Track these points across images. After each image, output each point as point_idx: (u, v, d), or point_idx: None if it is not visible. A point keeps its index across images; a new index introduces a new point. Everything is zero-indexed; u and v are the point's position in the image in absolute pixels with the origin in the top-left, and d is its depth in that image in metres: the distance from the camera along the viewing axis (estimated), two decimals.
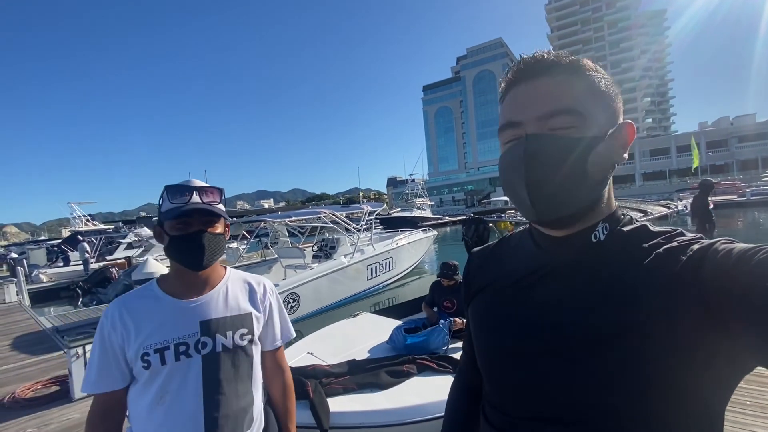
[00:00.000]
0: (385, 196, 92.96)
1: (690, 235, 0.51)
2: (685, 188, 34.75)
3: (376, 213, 10.52)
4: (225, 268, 1.16)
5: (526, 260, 0.62)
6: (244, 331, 1.06)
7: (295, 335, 1.25)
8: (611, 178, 0.56)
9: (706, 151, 49.83)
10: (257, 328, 1.10)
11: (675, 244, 0.50)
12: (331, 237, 10.50)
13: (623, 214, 0.58)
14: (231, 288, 1.10)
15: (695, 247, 0.48)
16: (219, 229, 1.04)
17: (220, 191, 1.06)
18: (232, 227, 1.16)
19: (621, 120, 0.56)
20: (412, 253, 11.49)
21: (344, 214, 9.55)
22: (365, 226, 9.81)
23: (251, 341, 1.07)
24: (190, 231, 0.98)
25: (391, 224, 19.53)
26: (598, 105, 0.53)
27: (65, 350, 3.89)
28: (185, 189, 1.00)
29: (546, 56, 0.55)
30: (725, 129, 53.27)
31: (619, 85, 0.57)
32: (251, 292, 1.13)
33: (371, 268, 9.57)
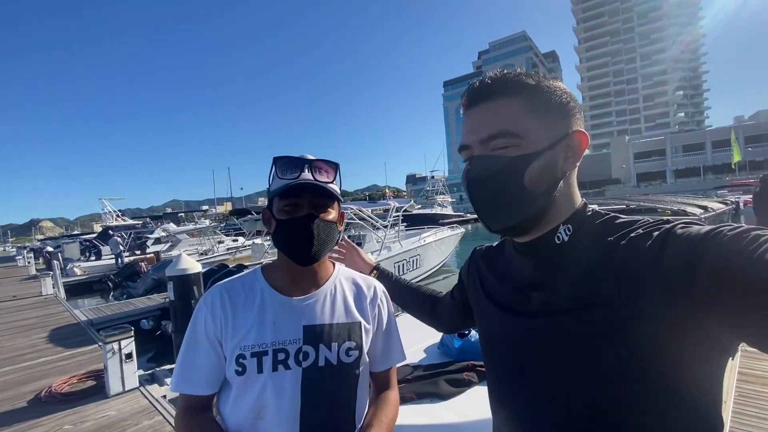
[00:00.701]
0: (404, 193, 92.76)
1: (653, 220, 0.52)
2: (723, 185, 32.94)
3: (404, 209, 10.30)
4: (333, 263, 0.96)
5: (509, 264, 0.67)
6: (352, 344, 0.84)
7: (406, 358, 1.00)
8: (574, 181, 0.59)
9: (744, 147, 47.23)
10: (365, 342, 0.88)
11: (639, 231, 0.50)
12: (357, 234, 10.36)
13: (591, 211, 0.59)
14: (339, 289, 0.90)
15: (655, 233, 0.48)
16: (332, 215, 0.85)
17: (336, 168, 0.86)
18: (257, 223, 0.94)
19: (573, 129, 0.57)
20: (440, 250, 11.24)
21: (371, 211, 9.38)
22: (392, 222, 9.61)
23: (358, 358, 0.85)
24: (298, 215, 0.81)
25: (413, 221, 19.33)
26: (538, 121, 0.56)
27: (100, 344, 3.85)
28: (296, 162, 0.83)
29: (490, 81, 0.59)
30: (765, 123, 50.39)
31: (571, 94, 0.58)
32: (360, 296, 0.92)
33: (398, 266, 9.38)
